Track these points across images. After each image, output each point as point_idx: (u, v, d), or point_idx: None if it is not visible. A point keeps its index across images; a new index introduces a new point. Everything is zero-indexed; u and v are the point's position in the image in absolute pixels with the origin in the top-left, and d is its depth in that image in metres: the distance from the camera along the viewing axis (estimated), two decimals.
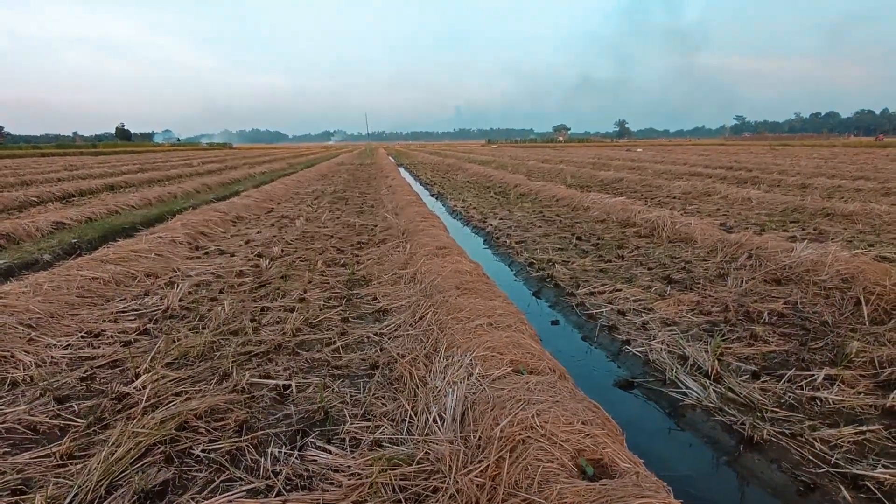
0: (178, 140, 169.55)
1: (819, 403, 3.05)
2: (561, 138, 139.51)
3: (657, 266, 6.27)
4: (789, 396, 3.11)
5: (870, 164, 21.20)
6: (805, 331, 4.19)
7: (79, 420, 2.87)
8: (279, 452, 2.57)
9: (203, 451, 2.59)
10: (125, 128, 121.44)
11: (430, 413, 2.77)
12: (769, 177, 16.51)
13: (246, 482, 2.35)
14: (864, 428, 2.74)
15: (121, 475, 2.39)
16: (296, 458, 2.52)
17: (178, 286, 5.31)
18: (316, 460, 2.50)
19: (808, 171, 18.47)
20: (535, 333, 3.79)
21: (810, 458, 2.53)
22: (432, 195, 15.71)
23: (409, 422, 2.79)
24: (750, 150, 39.78)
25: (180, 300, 4.95)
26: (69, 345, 3.91)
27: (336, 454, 2.53)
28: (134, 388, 3.19)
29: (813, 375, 3.36)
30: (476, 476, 2.18)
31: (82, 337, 4.07)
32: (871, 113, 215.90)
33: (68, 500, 2.21)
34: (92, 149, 56.60)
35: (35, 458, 2.54)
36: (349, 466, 2.43)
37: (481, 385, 2.85)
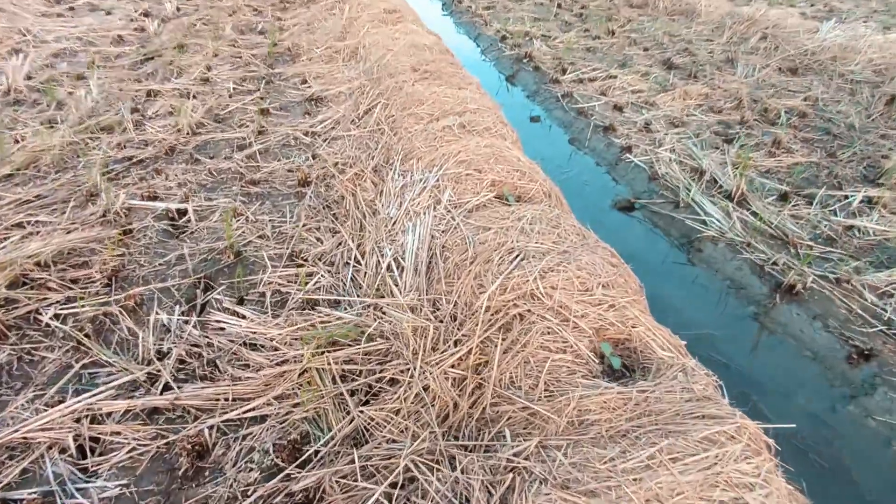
0: None
1: (858, 234, 2.51)
2: None
3: (654, 46, 5.16)
4: (824, 225, 2.54)
5: None
6: (830, 136, 3.51)
7: None
8: (169, 319, 1.81)
9: (55, 316, 1.80)
10: None
11: (382, 256, 2.02)
12: None
13: (117, 370, 1.62)
14: None
15: None
16: (193, 325, 1.78)
17: (25, 56, 3.83)
18: (223, 330, 1.78)
19: None
20: (517, 138, 2.90)
21: (860, 312, 2.04)
22: None
23: (355, 269, 2.04)
24: None
25: (29, 78, 3.57)
26: None
27: (252, 320, 1.81)
28: None
29: (847, 197, 2.77)
30: (452, 367, 1.53)
31: None
32: None
33: None
34: None
35: None
36: (271, 340, 1.73)
37: (453, 218, 2.06)
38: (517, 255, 1.73)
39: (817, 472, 1.55)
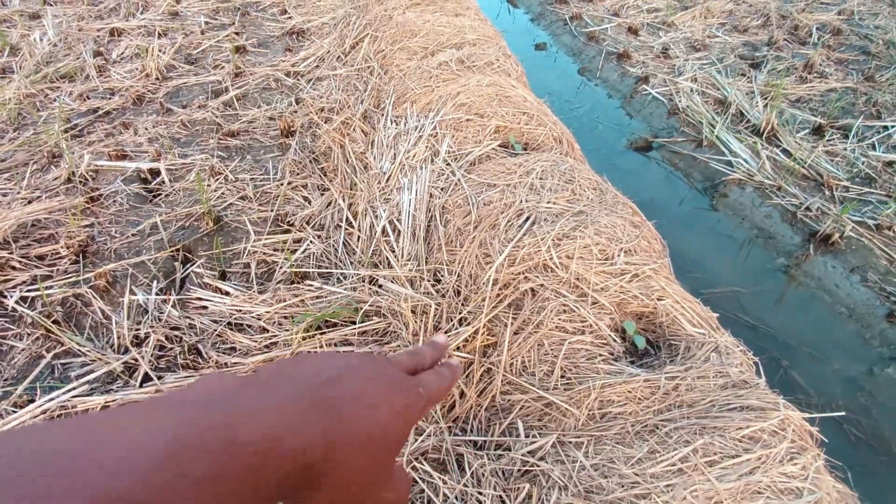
0: None
1: None
2: None
3: None
4: (862, 162, 2.31)
5: None
6: (867, 55, 3.17)
7: None
8: (146, 299, 1.65)
9: (21, 300, 1.64)
10: None
11: (376, 218, 1.83)
12: None
13: (91, 359, 1.49)
14: None
15: None
16: (173, 305, 1.63)
17: None
18: (206, 309, 1.63)
19: None
20: (523, 72, 2.61)
21: None
22: None
23: (347, 232, 1.86)
24: None
25: None
26: None
27: (237, 297, 1.65)
28: None
29: (887, 128, 2.52)
30: (457, 350, 1.38)
31: None
32: None
33: None
34: None
35: None
36: (259, 319, 1.58)
37: (453, 173, 1.85)
38: (527, 219, 1.53)
39: (854, 446, 1.44)
